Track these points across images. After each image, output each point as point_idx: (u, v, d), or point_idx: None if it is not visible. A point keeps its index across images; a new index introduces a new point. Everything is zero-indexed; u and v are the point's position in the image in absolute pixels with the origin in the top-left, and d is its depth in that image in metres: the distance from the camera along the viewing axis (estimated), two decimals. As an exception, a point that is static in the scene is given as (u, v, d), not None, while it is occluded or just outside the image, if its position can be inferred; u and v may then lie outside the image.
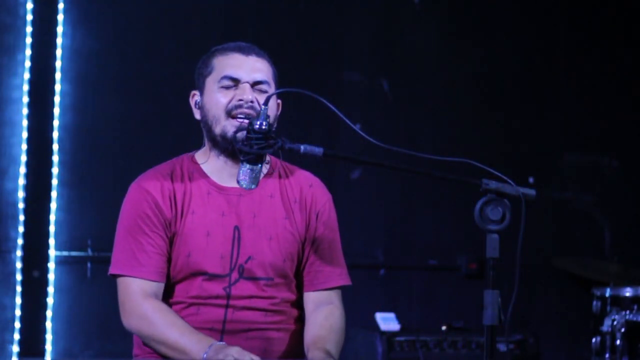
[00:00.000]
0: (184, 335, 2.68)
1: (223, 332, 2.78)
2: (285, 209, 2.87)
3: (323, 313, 2.87)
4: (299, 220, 2.88)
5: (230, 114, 2.80)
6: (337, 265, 2.94)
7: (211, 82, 2.85)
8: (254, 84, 2.82)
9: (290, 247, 2.86)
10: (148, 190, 2.81)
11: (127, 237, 2.79)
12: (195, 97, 2.91)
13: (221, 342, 2.67)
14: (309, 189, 2.93)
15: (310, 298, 2.91)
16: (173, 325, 2.71)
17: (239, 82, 2.82)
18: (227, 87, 2.82)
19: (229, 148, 2.81)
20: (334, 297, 2.92)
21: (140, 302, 2.74)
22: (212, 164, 2.87)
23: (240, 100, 2.79)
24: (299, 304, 2.93)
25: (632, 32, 5.92)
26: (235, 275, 2.80)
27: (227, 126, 2.80)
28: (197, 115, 2.90)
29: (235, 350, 2.59)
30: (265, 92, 2.82)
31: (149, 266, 2.76)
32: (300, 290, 2.93)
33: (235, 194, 2.84)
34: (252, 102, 2.79)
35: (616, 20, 5.92)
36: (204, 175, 2.86)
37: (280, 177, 2.92)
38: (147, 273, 2.76)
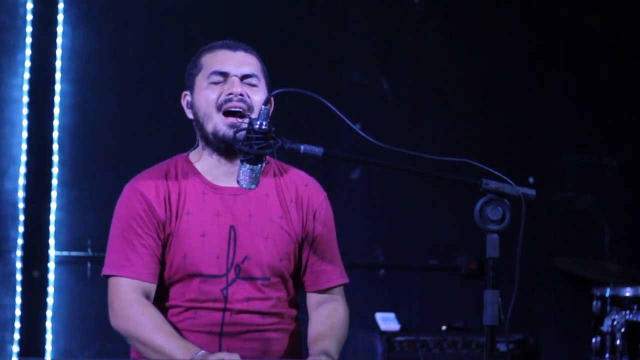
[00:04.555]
0: (169, 340, 2.66)
1: (221, 334, 2.78)
2: (281, 208, 2.87)
3: (326, 310, 2.88)
4: (295, 219, 2.88)
5: (220, 109, 2.79)
6: (337, 264, 2.95)
7: (200, 80, 2.85)
8: (243, 77, 2.82)
9: (287, 247, 2.86)
10: (141, 191, 2.80)
11: (120, 238, 2.79)
12: (186, 98, 2.91)
13: (205, 352, 2.63)
14: (305, 188, 2.92)
15: (314, 298, 2.92)
16: (160, 329, 2.69)
17: (227, 76, 2.81)
18: (216, 83, 2.82)
19: (221, 146, 2.81)
20: (337, 294, 2.94)
21: (129, 302, 2.72)
22: (205, 162, 2.87)
23: (230, 93, 2.79)
24: (296, 303, 2.93)
25: (632, 32, 5.92)
26: (232, 275, 2.79)
27: (218, 123, 2.79)
28: (190, 115, 2.90)
29: (219, 358, 2.58)
30: (255, 85, 2.82)
31: (140, 266, 2.75)
32: (297, 290, 2.93)
33: (230, 193, 2.83)
34: (241, 94, 2.79)
35: (617, 20, 5.92)
36: (198, 174, 2.85)
37: (275, 176, 2.91)
38: (139, 273, 2.75)
